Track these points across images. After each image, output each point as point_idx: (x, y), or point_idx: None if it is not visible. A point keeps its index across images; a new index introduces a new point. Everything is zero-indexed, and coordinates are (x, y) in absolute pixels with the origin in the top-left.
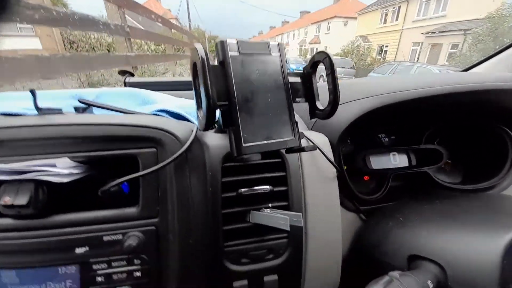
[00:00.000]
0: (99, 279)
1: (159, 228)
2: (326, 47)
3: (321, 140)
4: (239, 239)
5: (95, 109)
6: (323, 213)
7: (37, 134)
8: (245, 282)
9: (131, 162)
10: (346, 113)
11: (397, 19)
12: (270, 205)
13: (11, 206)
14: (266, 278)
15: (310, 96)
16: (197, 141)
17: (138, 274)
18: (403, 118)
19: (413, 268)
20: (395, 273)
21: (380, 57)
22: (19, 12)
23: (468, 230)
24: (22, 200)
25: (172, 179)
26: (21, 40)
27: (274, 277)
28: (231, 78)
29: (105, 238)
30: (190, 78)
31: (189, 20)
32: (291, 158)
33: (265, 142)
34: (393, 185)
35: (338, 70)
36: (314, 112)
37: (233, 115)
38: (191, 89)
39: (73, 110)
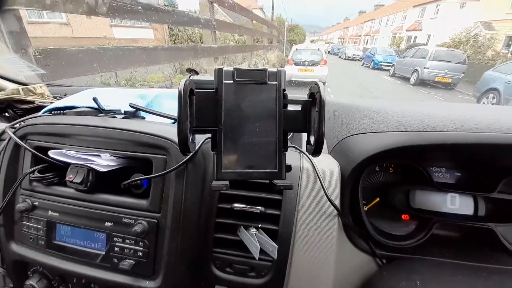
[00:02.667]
0: (116, 248)
1: (159, 222)
2: (429, 35)
3: (329, 169)
4: (227, 249)
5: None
6: (314, 247)
7: (93, 133)
8: None
9: (150, 162)
10: (367, 145)
11: None
12: (259, 225)
13: (72, 182)
14: None
15: (306, 127)
16: (201, 153)
17: (140, 253)
18: (465, 158)
19: None
20: None
21: (507, 51)
22: (144, 12)
23: None
24: (79, 179)
25: (173, 184)
26: (140, 30)
27: None
28: (221, 105)
29: (123, 220)
30: None
31: (272, 9)
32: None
33: (245, 170)
34: (438, 234)
35: (440, 65)
36: (307, 144)
37: (218, 141)
38: None
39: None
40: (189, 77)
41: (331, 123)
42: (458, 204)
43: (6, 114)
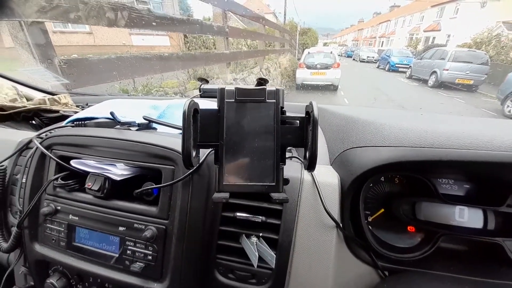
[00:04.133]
0: (128, 252)
1: (167, 228)
2: (449, 35)
3: (329, 181)
4: (230, 256)
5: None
6: (312, 257)
7: (110, 144)
8: None
9: (160, 172)
10: (365, 159)
11: None
12: (260, 234)
13: (91, 189)
14: None
15: (303, 143)
16: (206, 164)
17: (149, 257)
18: (468, 173)
19: None
20: None
21: None
22: (160, 22)
23: None
24: (96, 186)
25: (179, 193)
26: (157, 38)
27: None
28: (222, 123)
29: (135, 225)
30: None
31: (285, 14)
32: (291, 194)
33: (245, 183)
34: (444, 247)
35: (461, 66)
36: (304, 159)
37: (219, 156)
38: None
39: (150, 114)
40: (200, 85)
41: (334, 134)
42: (466, 217)
43: (33, 122)
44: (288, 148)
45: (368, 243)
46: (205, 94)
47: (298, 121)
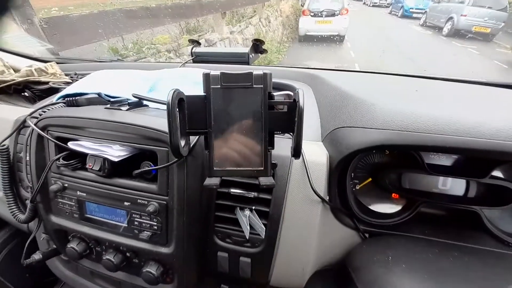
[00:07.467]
0: (135, 223)
1: (168, 204)
2: None
3: (318, 160)
4: (226, 224)
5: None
6: (299, 225)
7: (102, 126)
8: (226, 254)
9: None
10: (353, 140)
11: None
12: (253, 207)
13: (92, 169)
14: (242, 259)
15: (290, 128)
16: (199, 145)
17: (155, 227)
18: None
19: None
20: None
21: None
22: None
23: None
24: (97, 166)
25: (176, 173)
26: None
27: (248, 260)
28: (210, 109)
29: (138, 201)
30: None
31: None
32: (281, 171)
33: (234, 168)
34: (425, 211)
35: (480, 11)
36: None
37: (209, 142)
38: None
39: (141, 91)
40: (192, 48)
41: (327, 109)
42: (449, 185)
43: (25, 94)
44: None
45: (351, 211)
46: (197, 58)
47: (286, 106)
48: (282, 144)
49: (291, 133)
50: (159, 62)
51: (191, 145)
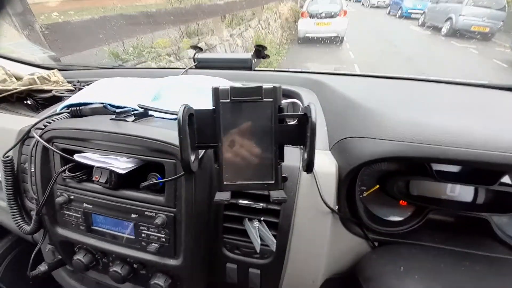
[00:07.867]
0: (143, 235)
1: (176, 216)
2: None
3: (326, 170)
4: (235, 235)
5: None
6: (309, 235)
7: (107, 138)
8: (235, 266)
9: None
10: (363, 151)
11: None
12: (262, 219)
13: (98, 182)
14: (251, 270)
15: (301, 141)
16: (207, 156)
17: (163, 239)
18: None
19: None
20: None
21: None
22: None
23: None
24: (103, 179)
25: (183, 185)
26: None
27: (257, 271)
28: (219, 123)
29: (146, 213)
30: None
31: None
32: (290, 181)
33: (244, 182)
34: (433, 218)
35: (479, 11)
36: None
37: (218, 156)
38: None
39: (145, 100)
40: (194, 55)
41: (334, 117)
42: (458, 192)
43: (28, 102)
44: None
45: (361, 221)
46: (200, 64)
47: (296, 120)
48: (290, 154)
49: (301, 146)
50: (161, 68)
51: (199, 157)
